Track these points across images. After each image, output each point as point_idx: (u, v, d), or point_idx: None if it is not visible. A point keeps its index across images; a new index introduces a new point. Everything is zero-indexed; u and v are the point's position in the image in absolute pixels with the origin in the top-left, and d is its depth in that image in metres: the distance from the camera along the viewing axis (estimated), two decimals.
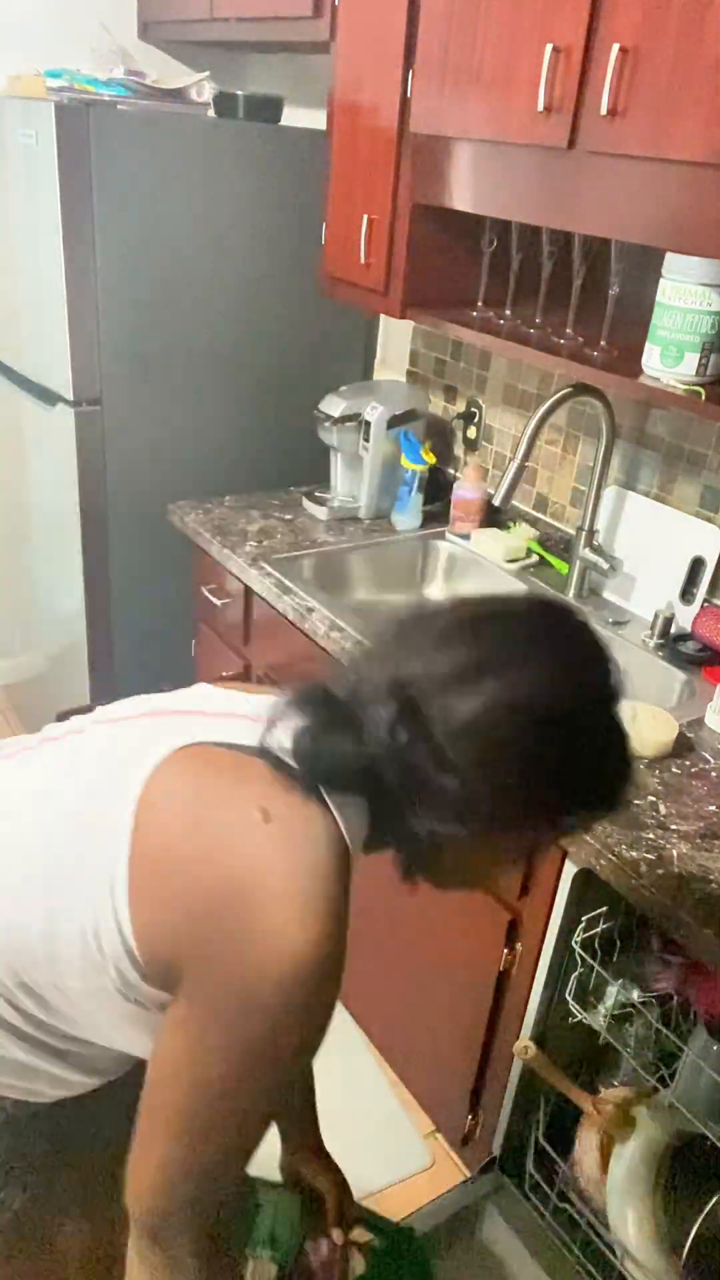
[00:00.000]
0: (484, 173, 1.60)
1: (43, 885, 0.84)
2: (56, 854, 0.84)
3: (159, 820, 0.80)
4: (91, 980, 0.83)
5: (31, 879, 0.84)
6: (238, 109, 2.18)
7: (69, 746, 0.92)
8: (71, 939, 0.82)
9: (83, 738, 0.93)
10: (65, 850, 0.83)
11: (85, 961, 0.82)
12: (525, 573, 2.00)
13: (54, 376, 2.18)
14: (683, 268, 1.45)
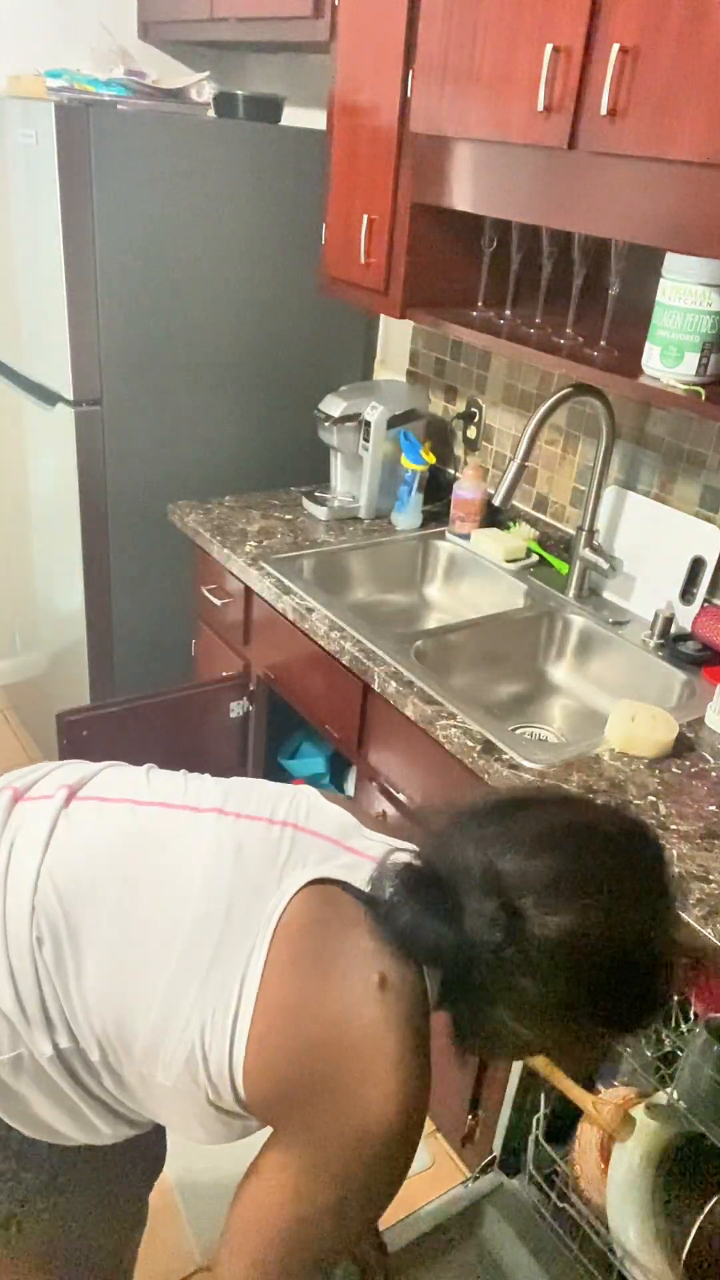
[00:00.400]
0: (484, 173, 1.60)
1: (169, 980, 0.88)
2: (190, 955, 0.88)
3: (289, 967, 0.87)
4: (183, 1084, 0.88)
5: (163, 968, 0.88)
6: (238, 109, 2.18)
7: (209, 828, 0.96)
8: (179, 1042, 0.87)
9: (222, 824, 0.97)
10: (198, 955, 0.88)
11: (185, 1067, 0.87)
12: (525, 573, 2.00)
13: (54, 376, 2.18)
14: (683, 268, 1.45)
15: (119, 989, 0.89)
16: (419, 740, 1.58)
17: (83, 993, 0.90)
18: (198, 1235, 1.71)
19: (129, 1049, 0.89)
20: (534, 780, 1.36)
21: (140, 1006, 0.88)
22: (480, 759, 1.41)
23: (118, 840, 0.96)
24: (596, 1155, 1.34)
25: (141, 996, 0.88)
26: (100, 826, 0.97)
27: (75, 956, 0.90)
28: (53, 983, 0.90)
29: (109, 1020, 0.89)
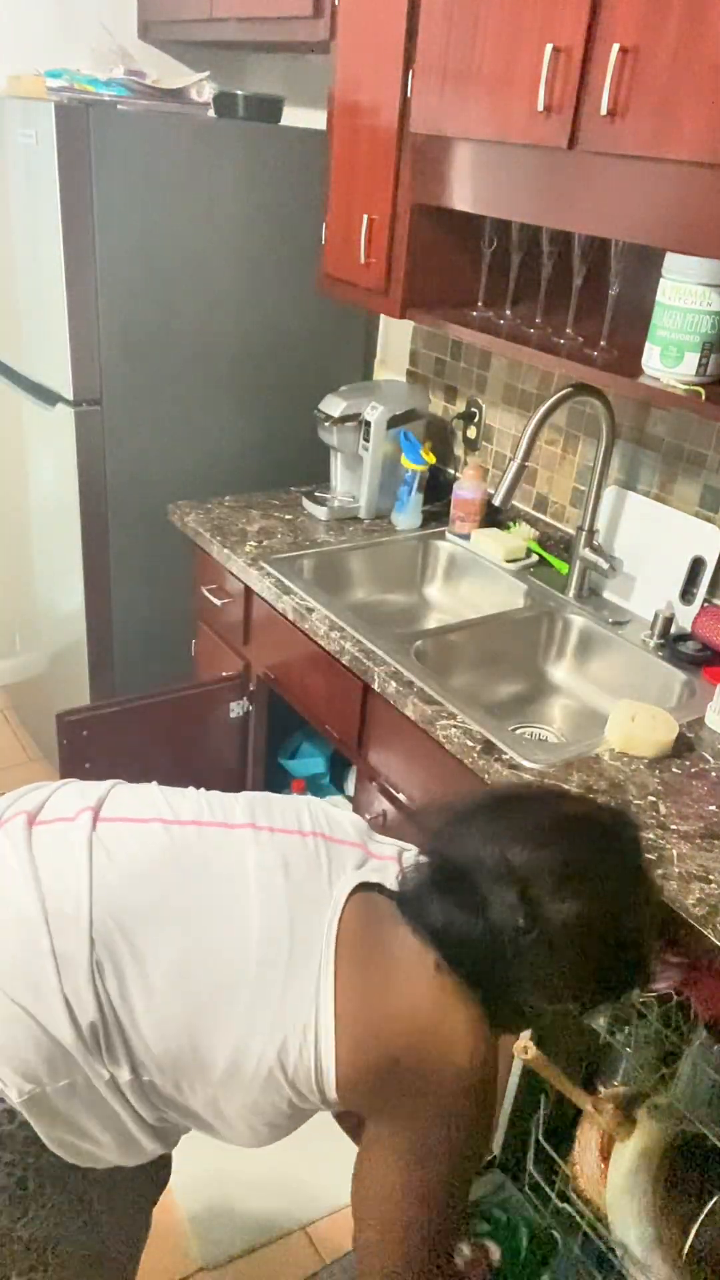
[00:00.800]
0: (484, 173, 1.60)
1: (248, 1002, 0.93)
2: (264, 976, 0.94)
3: (356, 974, 0.95)
4: (264, 1098, 0.95)
5: (238, 990, 0.93)
6: (238, 109, 2.18)
7: (250, 844, 1.02)
8: (261, 1060, 0.93)
9: (261, 839, 1.02)
10: (272, 975, 0.94)
11: (266, 1082, 0.94)
12: (525, 573, 2.00)
13: (54, 376, 2.18)
14: (683, 268, 1.45)
15: (193, 1013, 0.93)
16: (419, 740, 1.58)
17: (151, 1018, 0.92)
18: (198, 1235, 1.71)
19: (204, 1073, 0.94)
20: (534, 779, 1.36)
21: (218, 1030, 0.92)
22: (480, 759, 1.41)
23: (163, 861, 0.98)
24: (596, 1155, 1.34)
25: (219, 1020, 0.92)
26: (143, 848, 0.99)
27: (141, 982, 0.92)
28: (115, 1011, 0.92)
29: (184, 1045, 0.93)
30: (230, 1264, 1.68)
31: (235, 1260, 1.68)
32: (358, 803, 1.82)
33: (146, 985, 0.92)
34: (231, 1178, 1.80)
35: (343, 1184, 1.84)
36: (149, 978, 0.92)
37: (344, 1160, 1.89)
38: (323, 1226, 1.74)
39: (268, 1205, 1.76)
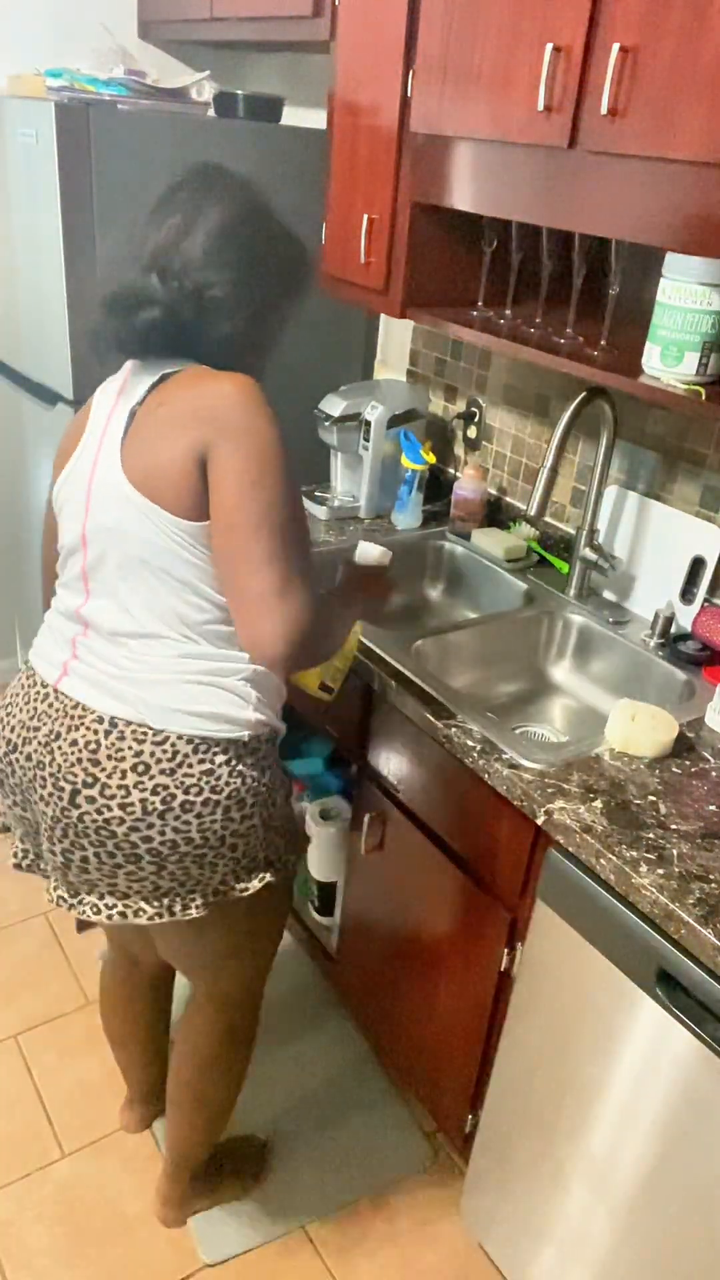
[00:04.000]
0: (484, 172, 1.60)
1: (160, 580, 1.20)
2: (148, 564, 1.20)
3: (138, 471, 1.19)
4: (208, 572, 1.20)
5: (156, 588, 1.21)
6: (238, 109, 2.18)
7: (98, 559, 1.25)
8: (189, 575, 1.20)
9: (95, 550, 1.25)
10: (145, 553, 1.20)
11: (196, 574, 1.19)
12: (525, 573, 2.00)
13: (54, 376, 2.18)
14: (683, 267, 1.45)
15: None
16: (419, 740, 1.58)
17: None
18: (199, 1234, 1.71)
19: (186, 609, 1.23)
20: (534, 779, 1.36)
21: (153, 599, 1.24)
22: (480, 759, 1.41)
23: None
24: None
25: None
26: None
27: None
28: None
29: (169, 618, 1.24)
30: (231, 1263, 1.68)
31: (236, 1259, 1.68)
32: (358, 802, 1.82)
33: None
34: (232, 1177, 1.80)
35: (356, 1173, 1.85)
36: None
37: (344, 1160, 1.90)
38: (323, 1226, 1.75)
39: (268, 1205, 1.76)
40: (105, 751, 1.20)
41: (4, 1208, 1.73)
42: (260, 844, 1.30)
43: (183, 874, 1.25)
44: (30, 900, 2.37)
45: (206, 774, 1.21)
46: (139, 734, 1.20)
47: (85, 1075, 1.97)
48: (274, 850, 1.34)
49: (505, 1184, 1.57)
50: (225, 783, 1.22)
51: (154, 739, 1.20)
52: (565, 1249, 1.47)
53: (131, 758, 1.20)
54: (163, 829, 1.20)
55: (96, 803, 1.20)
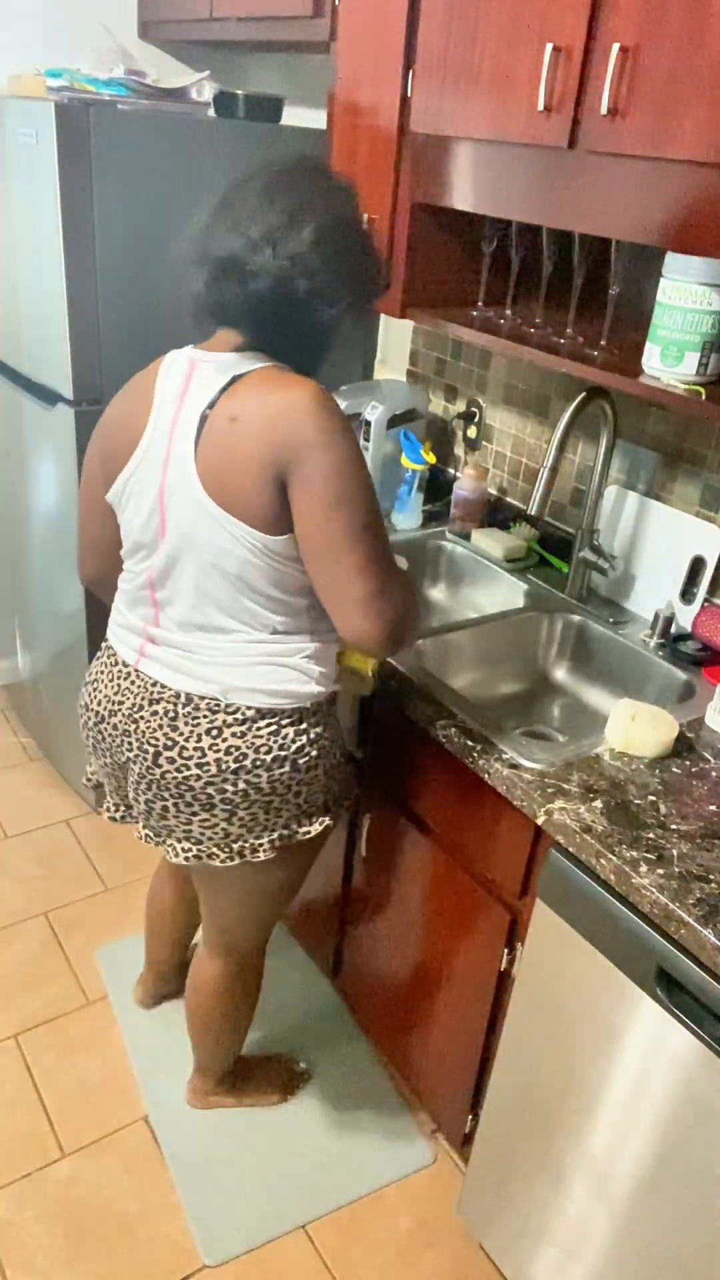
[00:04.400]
0: (484, 172, 1.60)
1: (238, 584, 1.29)
2: (226, 572, 1.28)
3: (215, 482, 1.24)
4: (286, 581, 1.29)
5: (233, 591, 1.30)
6: (238, 109, 2.18)
7: (176, 555, 1.33)
8: (265, 581, 1.29)
9: (174, 545, 1.33)
10: (225, 563, 1.28)
11: (273, 580, 1.28)
12: (525, 573, 2.00)
13: (54, 376, 2.18)
14: (683, 267, 1.45)
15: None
16: (419, 740, 1.58)
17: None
18: (199, 1234, 1.71)
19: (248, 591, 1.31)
20: (534, 779, 1.36)
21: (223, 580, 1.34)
22: (480, 759, 1.41)
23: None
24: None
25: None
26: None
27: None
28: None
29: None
30: (231, 1263, 1.68)
31: (236, 1259, 1.68)
32: (358, 803, 1.82)
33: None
34: (232, 1177, 1.80)
35: (356, 1172, 1.85)
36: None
37: (344, 1161, 1.90)
38: (323, 1226, 1.75)
39: (268, 1204, 1.76)
40: (183, 719, 1.35)
41: (4, 1208, 1.73)
42: (321, 790, 1.45)
43: (251, 820, 1.40)
44: (30, 900, 2.37)
45: (274, 734, 1.36)
46: (212, 705, 1.35)
47: (85, 1075, 1.97)
48: (332, 796, 1.48)
49: (505, 1184, 1.57)
50: (292, 741, 1.37)
51: (226, 709, 1.35)
52: (565, 1249, 1.47)
53: (206, 724, 1.35)
54: (235, 783, 1.36)
55: (176, 763, 1.36)
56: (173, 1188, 1.78)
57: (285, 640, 1.34)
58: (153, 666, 1.38)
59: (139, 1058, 2.00)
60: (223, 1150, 1.85)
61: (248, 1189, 1.79)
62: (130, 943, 2.25)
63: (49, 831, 2.61)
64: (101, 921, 2.33)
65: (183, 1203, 1.76)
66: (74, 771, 2.71)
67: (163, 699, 1.37)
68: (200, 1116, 1.90)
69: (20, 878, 2.44)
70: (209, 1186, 1.78)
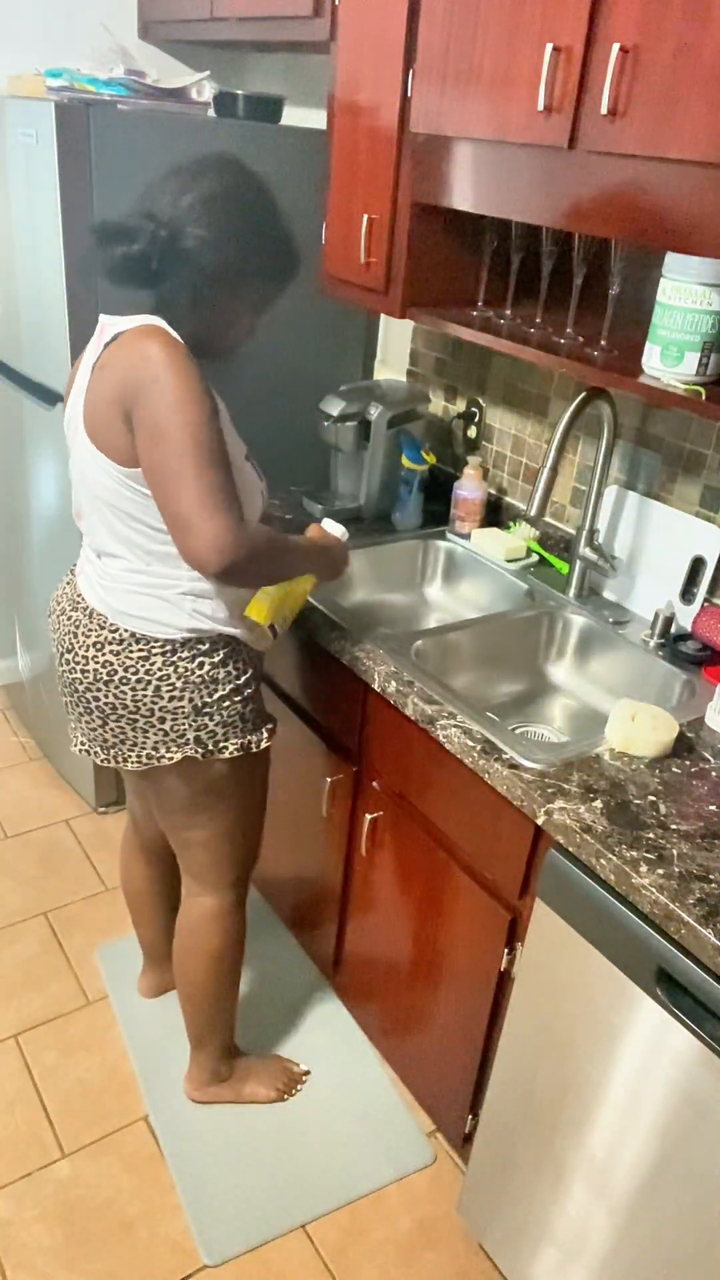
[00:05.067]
0: (484, 172, 1.60)
1: (111, 513, 1.46)
2: (101, 500, 1.45)
3: (89, 419, 1.41)
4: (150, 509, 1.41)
5: (110, 520, 1.47)
6: (238, 109, 2.18)
7: (77, 488, 1.52)
8: (134, 511, 1.43)
9: (75, 482, 1.51)
10: (99, 491, 1.45)
11: (140, 509, 1.42)
12: (525, 573, 2.00)
13: (54, 376, 2.18)
14: (683, 268, 1.45)
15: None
16: (419, 740, 1.58)
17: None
18: (199, 1234, 1.71)
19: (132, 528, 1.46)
20: (534, 779, 1.36)
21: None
22: (480, 759, 1.41)
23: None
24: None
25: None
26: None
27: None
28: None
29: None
30: (231, 1263, 1.68)
31: (236, 1259, 1.68)
32: (358, 803, 1.82)
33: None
34: (232, 1177, 1.80)
35: (355, 1172, 1.85)
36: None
37: (344, 1161, 1.90)
38: (323, 1226, 1.75)
39: (268, 1204, 1.76)
40: (83, 629, 1.52)
41: (4, 1208, 1.73)
42: (190, 724, 1.52)
43: (121, 733, 1.54)
44: (30, 900, 2.37)
45: (143, 659, 1.48)
46: (102, 621, 1.51)
47: (85, 1075, 1.97)
48: (206, 733, 1.53)
49: (505, 1184, 1.57)
50: (158, 668, 1.49)
51: (109, 628, 1.50)
52: (565, 1249, 1.47)
53: (95, 637, 1.51)
54: (106, 694, 1.51)
55: (70, 664, 1.54)
56: (173, 1188, 1.78)
57: (161, 574, 1.46)
58: (81, 582, 1.56)
59: (139, 1058, 2.00)
60: (223, 1150, 1.85)
61: (248, 1189, 1.79)
62: (130, 942, 2.25)
63: (49, 831, 2.61)
64: (101, 921, 2.33)
65: (183, 1203, 1.76)
66: (74, 771, 2.71)
67: (79, 608, 1.54)
68: (200, 1117, 1.90)
69: (20, 878, 2.44)
70: (209, 1186, 1.78)
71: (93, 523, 1.50)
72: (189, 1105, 1.92)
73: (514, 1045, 1.48)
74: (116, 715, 1.52)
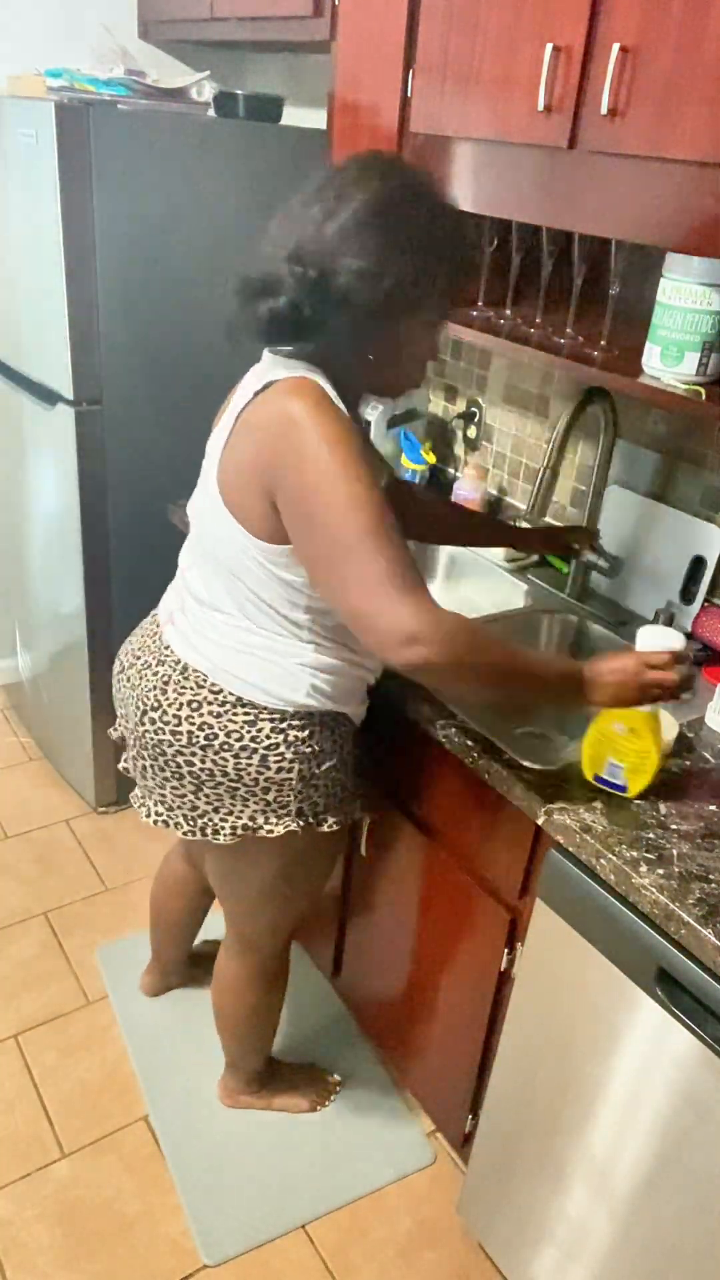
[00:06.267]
0: (484, 173, 1.60)
1: (236, 579, 1.31)
2: (225, 564, 1.31)
3: (227, 485, 1.26)
4: (290, 589, 1.28)
5: (233, 585, 1.32)
6: (238, 109, 2.18)
7: (197, 538, 1.39)
8: (267, 585, 1.29)
9: (195, 530, 1.39)
10: (226, 556, 1.31)
11: (276, 585, 1.29)
12: (525, 573, 2.00)
13: (54, 376, 2.18)
14: (683, 267, 1.45)
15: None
16: (419, 740, 1.58)
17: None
18: (199, 1234, 1.71)
19: (265, 594, 1.32)
20: (534, 779, 1.36)
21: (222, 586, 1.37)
22: (480, 759, 1.41)
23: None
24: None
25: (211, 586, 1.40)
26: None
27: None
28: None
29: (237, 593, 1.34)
30: (231, 1263, 1.68)
31: (236, 1259, 1.68)
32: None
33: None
34: (232, 1177, 1.80)
35: (355, 1172, 1.85)
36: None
37: (344, 1161, 1.90)
38: (323, 1226, 1.75)
39: (268, 1204, 1.76)
40: (174, 685, 1.39)
41: (4, 1208, 1.73)
42: (294, 795, 1.41)
43: (217, 800, 1.41)
44: (30, 900, 2.37)
45: (249, 724, 1.36)
46: (200, 679, 1.37)
47: (85, 1075, 1.97)
48: (310, 805, 1.44)
49: (505, 1184, 1.57)
50: (266, 735, 1.36)
51: (211, 687, 1.36)
52: (565, 1249, 1.47)
53: (190, 695, 1.37)
54: (203, 759, 1.38)
55: (156, 724, 1.39)
56: (173, 1188, 1.78)
57: (278, 639, 1.34)
58: (171, 633, 1.43)
59: (139, 1058, 2.00)
60: (222, 1150, 1.85)
61: (248, 1189, 1.79)
62: (130, 943, 2.25)
63: (49, 831, 2.61)
64: (101, 921, 2.33)
65: (183, 1203, 1.76)
66: (74, 771, 2.71)
67: (166, 662, 1.41)
68: (200, 1117, 1.90)
69: (20, 878, 2.44)
70: (209, 1186, 1.78)
71: (205, 575, 1.35)
72: (189, 1105, 1.92)
73: (514, 1045, 1.48)
74: (215, 782, 1.39)
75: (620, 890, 1.22)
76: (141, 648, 1.48)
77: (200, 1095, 1.94)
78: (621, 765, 1.29)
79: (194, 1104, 1.92)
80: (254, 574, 1.28)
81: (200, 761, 1.38)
